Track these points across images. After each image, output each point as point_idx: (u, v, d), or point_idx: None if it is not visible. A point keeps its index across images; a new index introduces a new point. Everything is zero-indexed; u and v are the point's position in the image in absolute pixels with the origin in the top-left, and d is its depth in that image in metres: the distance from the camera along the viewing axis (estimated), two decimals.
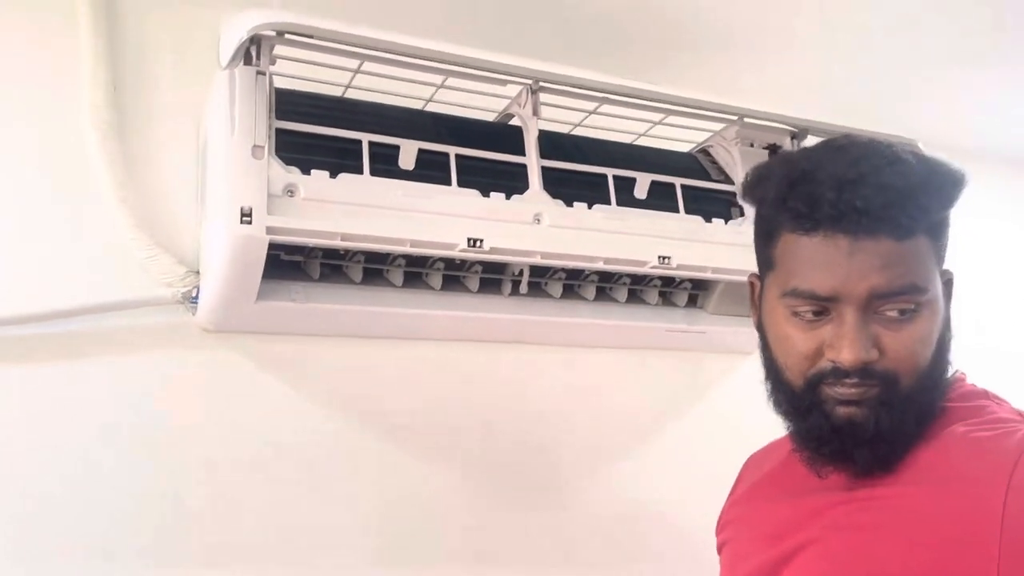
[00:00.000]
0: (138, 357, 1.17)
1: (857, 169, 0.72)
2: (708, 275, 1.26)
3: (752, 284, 0.85)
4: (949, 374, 0.80)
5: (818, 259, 0.74)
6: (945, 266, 0.79)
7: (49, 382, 1.13)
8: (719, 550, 0.91)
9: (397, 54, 1.05)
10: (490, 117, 1.30)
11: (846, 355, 0.73)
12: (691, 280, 1.36)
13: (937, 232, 0.76)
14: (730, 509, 0.92)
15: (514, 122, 1.26)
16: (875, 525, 0.73)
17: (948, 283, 0.79)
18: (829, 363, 0.74)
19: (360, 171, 1.08)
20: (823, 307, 0.74)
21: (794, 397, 0.77)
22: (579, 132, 1.36)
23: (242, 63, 1.00)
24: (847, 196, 0.71)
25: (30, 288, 1.12)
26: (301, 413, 1.26)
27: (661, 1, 1.32)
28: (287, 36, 0.97)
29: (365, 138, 1.09)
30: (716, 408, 1.55)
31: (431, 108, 1.25)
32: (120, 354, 1.16)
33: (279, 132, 1.05)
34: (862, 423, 0.74)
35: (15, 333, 1.11)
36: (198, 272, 1.17)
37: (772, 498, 0.85)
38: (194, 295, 1.15)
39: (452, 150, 1.15)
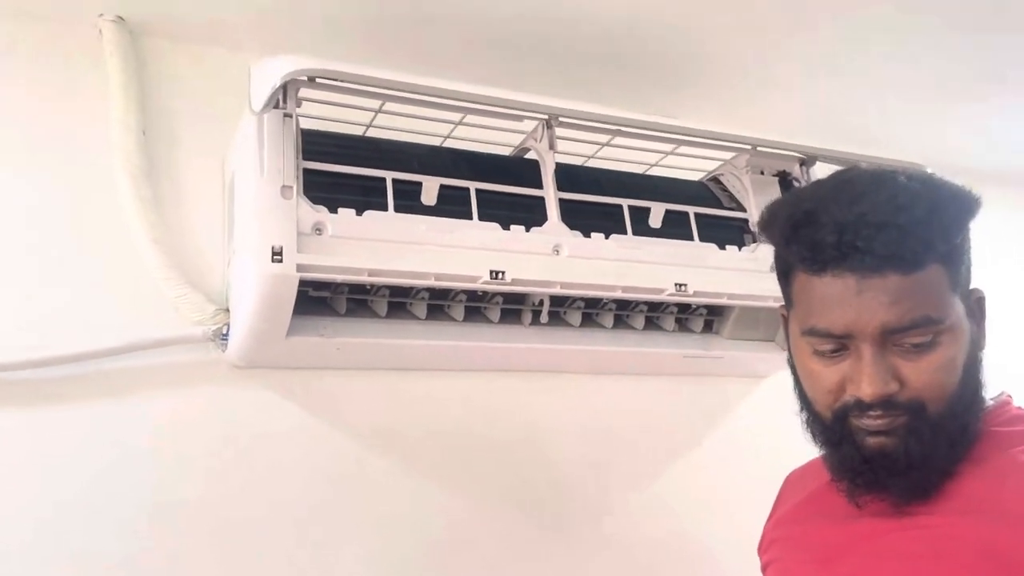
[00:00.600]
0: (170, 395, 1.19)
1: (858, 208, 0.73)
2: (724, 301, 1.29)
3: (783, 316, 0.87)
4: (991, 396, 0.80)
5: (830, 298, 0.75)
6: (974, 285, 0.79)
7: (83, 421, 1.15)
8: (763, 570, 0.92)
9: (419, 94, 1.09)
10: (506, 151, 1.34)
11: (865, 389, 0.74)
12: (707, 306, 1.38)
13: (952, 258, 0.75)
14: (774, 528, 0.92)
15: (530, 155, 1.30)
16: (927, 554, 0.74)
17: (978, 301, 0.79)
18: (852, 397, 0.75)
19: (385, 208, 1.11)
20: (841, 343, 0.75)
21: (826, 429, 0.78)
22: (592, 163, 1.40)
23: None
24: (848, 238, 0.72)
25: (64, 329, 1.15)
26: (331, 446, 1.28)
27: (670, 35, 1.36)
28: (317, 80, 1.00)
29: (389, 176, 1.13)
30: (734, 431, 1.56)
31: (449, 144, 1.29)
32: (152, 392, 1.19)
33: (306, 172, 1.08)
34: (892, 452, 0.75)
35: (50, 374, 1.14)
36: (228, 310, 1.19)
37: (818, 520, 0.85)
38: (224, 332, 1.18)
39: (472, 185, 1.18)
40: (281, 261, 1.02)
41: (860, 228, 0.72)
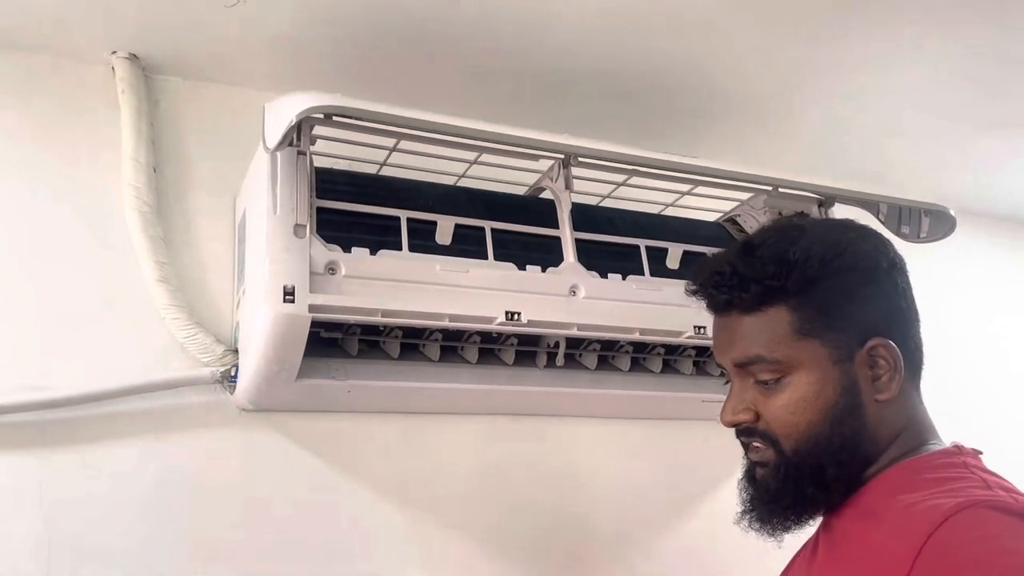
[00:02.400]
0: (177, 437, 1.16)
1: (716, 257, 0.84)
2: None
3: None
4: (911, 443, 0.79)
5: (713, 333, 0.86)
6: (875, 333, 0.78)
7: (88, 463, 1.12)
8: None
9: (435, 132, 1.07)
10: (520, 191, 1.32)
11: (721, 416, 0.83)
12: None
13: (806, 302, 0.78)
14: None
15: (545, 195, 1.28)
16: None
17: (878, 350, 0.78)
18: None
19: (399, 247, 1.09)
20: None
21: None
22: (607, 203, 1.38)
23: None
24: (706, 283, 0.82)
25: (71, 369, 1.12)
26: (342, 491, 1.24)
27: (688, 76, 1.35)
28: (333, 118, 0.99)
29: (403, 215, 1.11)
30: None
31: (463, 183, 1.27)
32: (159, 434, 1.16)
33: (319, 211, 1.06)
34: (761, 482, 0.82)
35: (55, 416, 1.11)
36: (236, 351, 1.17)
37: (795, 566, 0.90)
38: (233, 374, 1.15)
39: (488, 224, 1.16)
40: (293, 301, 0.99)
41: (713, 275, 0.82)
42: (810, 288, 0.78)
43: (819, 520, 0.84)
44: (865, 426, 0.77)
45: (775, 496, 0.80)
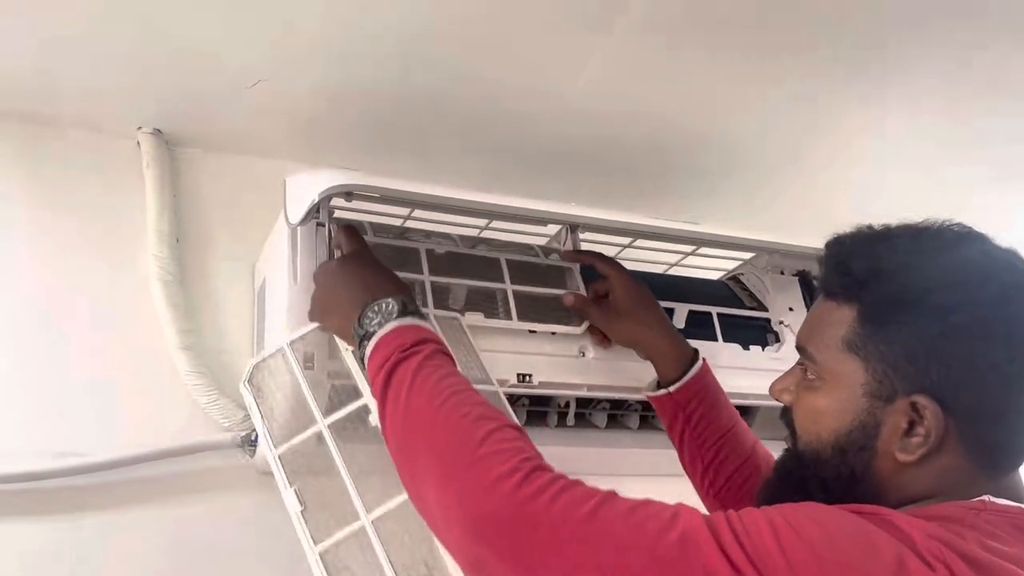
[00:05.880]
0: (200, 499, 1.19)
1: (853, 232, 0.78)
2: (750, 402, 1.29)
3: None
4: (919, 494, 0.71)
5: None
6: (932, 392, 0.68)
7: (119, 526, 1.15)
8: None
9: (448, 206, 1.11)
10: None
11: (770, 386, 0.83)
12: None
13: (871, 319, 0.71)
14: None
15: (553, 256, 1.31)
16: None
17: (921, 408, 0.69)
18: None
19: None
20: None
21: None
22: None
23: None
24: (826, 243, 0.79)
25: (98, 436, 1.16)
26: None
27: (693, 136, 1.40)
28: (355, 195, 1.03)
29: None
30: None
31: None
32: (183, 497, 1.18)
33: None
34: (777, 463, 0.84)
35: (80, 482, 1.14)
36: None
37: None
38: (253, 438, 1.18)
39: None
40: (312, 368, 1.02)
41: (830, 246, 0.79)
42: (880, 308, 0.71)
43: None
44: (869, 471, 0.72)
45: (770, 482, 0.82)
